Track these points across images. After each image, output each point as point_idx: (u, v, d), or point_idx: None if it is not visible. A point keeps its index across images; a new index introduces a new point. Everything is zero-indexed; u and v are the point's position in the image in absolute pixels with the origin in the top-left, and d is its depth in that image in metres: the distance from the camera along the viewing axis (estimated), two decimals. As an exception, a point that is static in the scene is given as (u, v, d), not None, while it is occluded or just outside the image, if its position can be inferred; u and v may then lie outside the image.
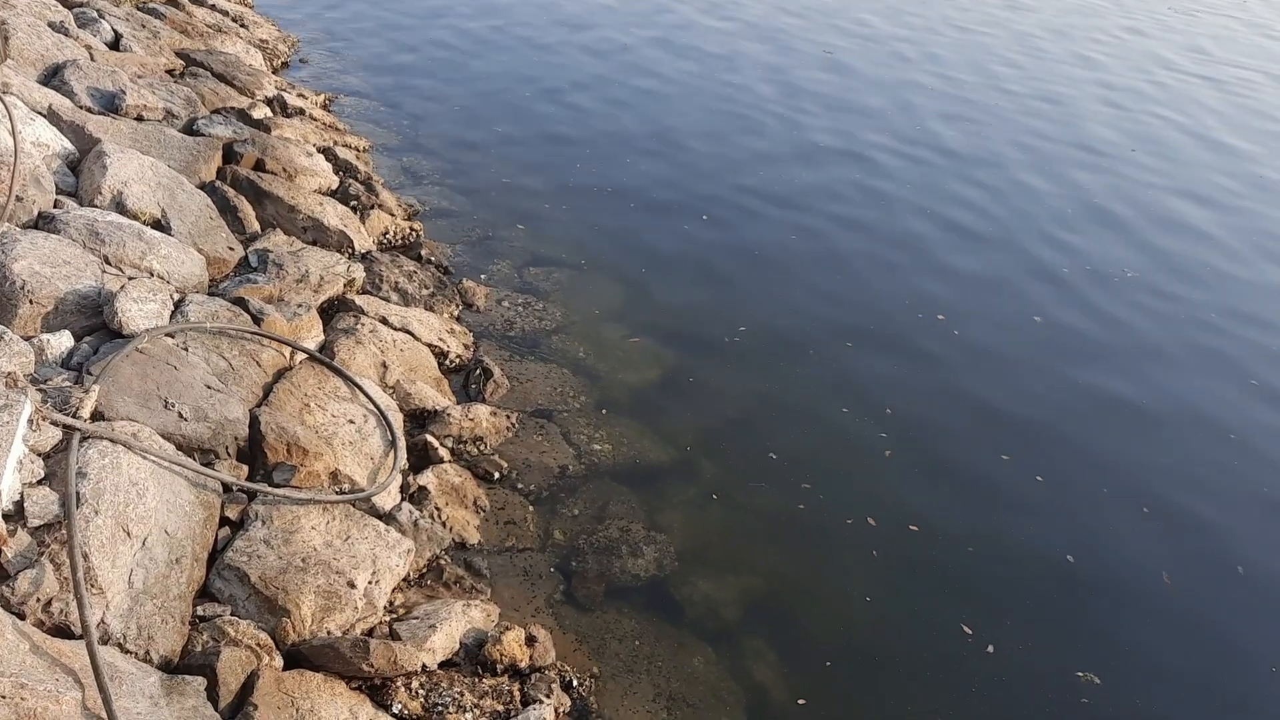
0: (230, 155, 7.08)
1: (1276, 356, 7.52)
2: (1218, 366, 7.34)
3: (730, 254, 8.07)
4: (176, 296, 5.09)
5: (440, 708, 3.81)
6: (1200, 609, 5.16)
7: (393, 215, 7.46)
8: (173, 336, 4.75)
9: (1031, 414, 6.51)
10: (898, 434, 6.15)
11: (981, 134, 11.17)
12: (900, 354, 7.00)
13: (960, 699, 4.53)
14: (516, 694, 4.02)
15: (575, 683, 4.22)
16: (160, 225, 5.67)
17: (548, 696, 4.02)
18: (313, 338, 5.51)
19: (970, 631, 4.84)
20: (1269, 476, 6.20)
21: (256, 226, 6.42)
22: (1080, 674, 4.70)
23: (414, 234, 7.41)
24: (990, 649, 4.76)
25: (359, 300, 6.05)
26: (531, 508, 5.19)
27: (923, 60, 13.66)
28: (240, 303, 5.30)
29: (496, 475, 5.31)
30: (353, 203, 7.32)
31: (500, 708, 3.92)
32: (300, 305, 5.56)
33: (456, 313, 6.65)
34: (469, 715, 3.84)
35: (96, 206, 5.51)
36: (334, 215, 6.81)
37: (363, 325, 5.75)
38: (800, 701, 4.39)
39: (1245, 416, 6.78)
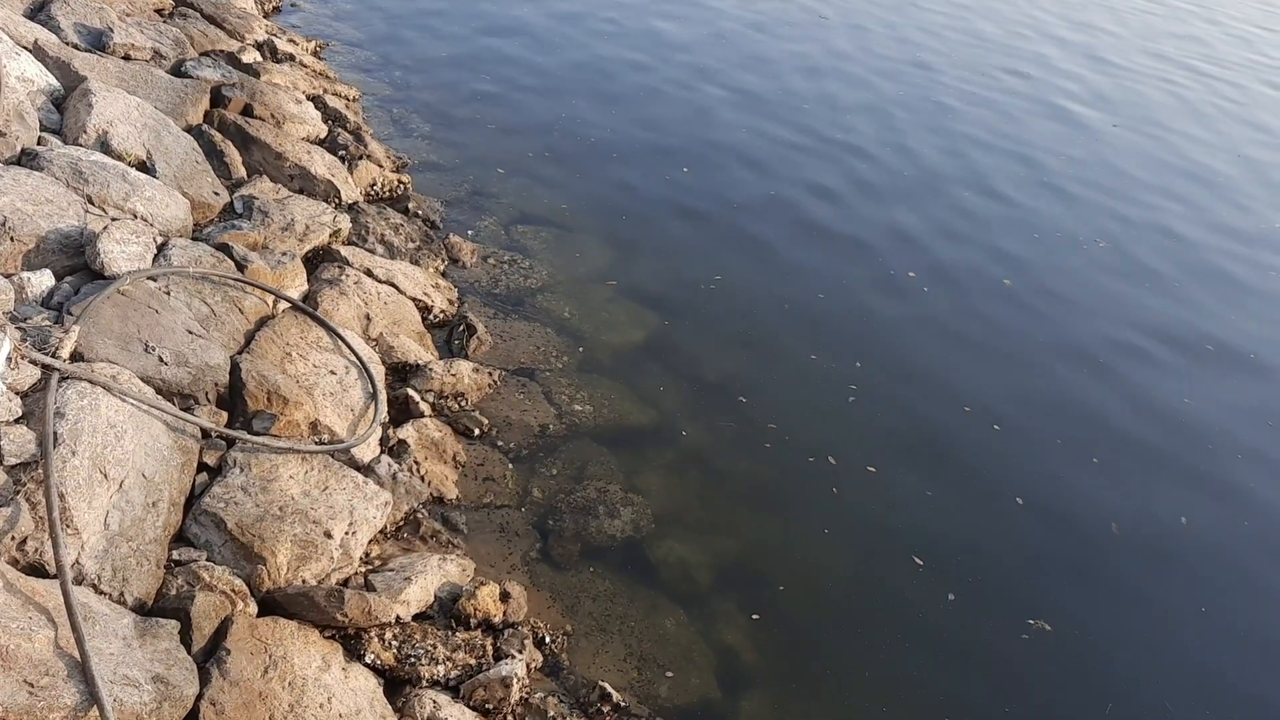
0: (218, 99, 7.00)
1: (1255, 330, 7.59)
2: (1181, 334, 7.54)
3: (720, 218, 8.10)
4: (160, 240, 5.05)
5: (413, 659, 3.83)
6: (1144, 559, 5.36)
7: (381, 167, 7.40)
8: (155, 280, 4.72)
9: (994, 368, 6.75)
10: (864, 383, 6.36)
11: (973, 101, 11.18)
12: (870, 310, 7.20)
13: (917, 647, 4.66)
14: (489, 648, 4.05)
15: (548, 639, 4.26)
16: (145, 167, 5.61)
17: (520, 652, 4.05)
18: (296, 287, 5.48)
19: (921, 564, 5.03)
20: (1216, 436, 6.42)
21: (243, 172, 6.36)
22: (1031, 621, 4.85)
23: (402, 187, 7.36)
24: (951, 596, 4.91)
25: (344, 251, 6.01)
26: (510, 465, 5.20)
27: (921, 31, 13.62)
28: (224, 249, 5.27)
29: (477, 432, 5.31)
30: (341, 152, 7.26)
31: (472, 661, 3.96)
32: (285, 254, 5.52)
33: (442, 268, 6.62)
34: (441, 667, 3.87)
35: (81, 145, 5.45)
36: (321, 164, 6.75)
37: (347, 276, 5.72)
38: (769, 664, 4.45)
39: (1199, 380, 7.01)
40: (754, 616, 4.64)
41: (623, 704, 4.05)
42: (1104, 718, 4.46)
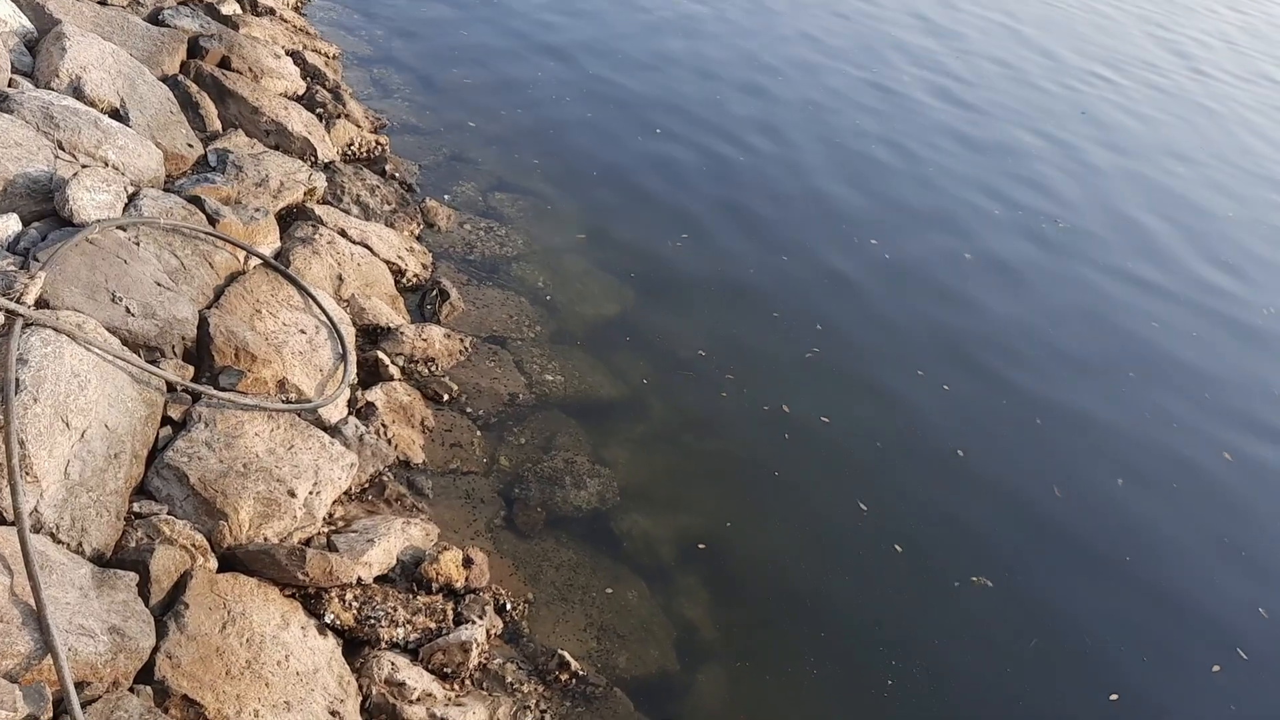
0: (195, 50, 6.88)
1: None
2: (1137, 302, 7.92)
3: (697, 185, 8.17)
4: (131, 189, 4.97)
5: (373, 620, 3.83)
6: (1083, 519, 5.59)
7: (359, 127, 7.32)
8: (125, 230, 4.65)
9: (948, 334, 7.01)
10: (823, 341, 6.61)
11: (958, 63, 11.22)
12: (832, 272, 7.44)
13: (864, 598, 4.84)
14: (449, 613, 4.05)
15: (509, 606, 4.27)
16: (118, 115, 5.51)
17: (480, 617, 4.06)
18: (269, 244, 5.42)
19: (866, 509, 5.30)
20: (1158, 404, 6.74)
21: (218, 125, 6.26)
22: (974, 578, 5.01)
23: (379, 148, 7.28)
24: (898, 548, 5.09)
25: (319, 210, 5.95)
26: (479, 432, 5.19)
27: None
28: (196, 201, 5.19)
29: (446, 397, 5.29)
30: (318, 110, 7.17)
31: (432, 625, 3.96)
32: (258, 209, 5.46)
33: (417, 231, 6.57)
34: (401, 630, 3.87)
35: (53, 90, 5.34)
36: (298, 121, 6.67)
37: (321, 235, 5.66)
38: (728, 638, 4.48)
39: (1145, 352, 7.33)
40: (715, 595, 4.67)
41: (581, 673, 4.07)
42: (1041, 671, 4.65)
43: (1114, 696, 4.62)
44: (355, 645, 3.80)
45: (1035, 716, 4.48)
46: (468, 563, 4.26)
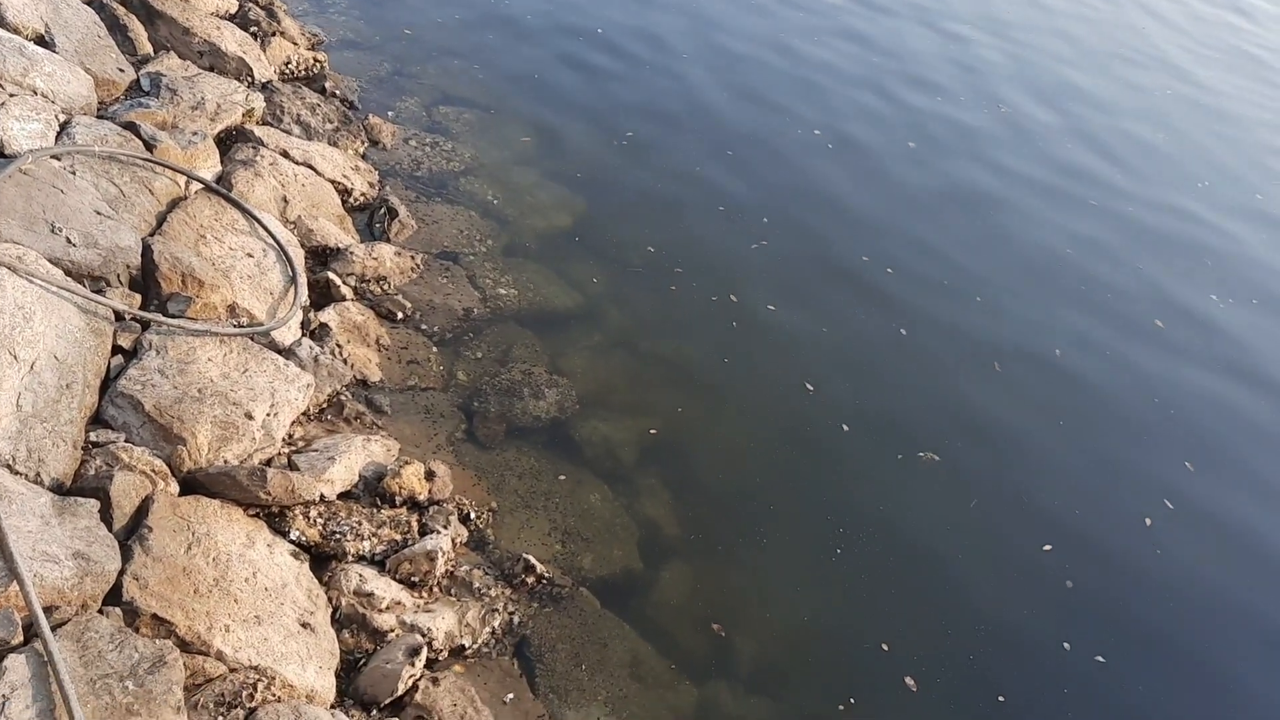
0: (119, -30, 6.64)
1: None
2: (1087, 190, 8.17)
3: (640, 101, 8.08)
4: (62, 118, 4.86)
5: (338, 535, 3.89)
6: (1024, 393, 5.87)
7: (295, 44, 7.15)
8: (59, 159, 4.56)
9: (892, 220, 7.22)
10: (770, 234, 6.74)
11: None
12: (777, 165, 7.59)
13: (814, 477, 5.06)
14: (414, 525, 4.12)
15: (473, 515, 4.34)
16: (44, 41, 5.35)
17: (445, 527, 4.13)
18: (209, 168, 5.33)
19: (813, 389, 5.53)
20: (1091, 274, 7.08)
21: (149, 48, 6.10)
22: (921, 454, 5.25)
23: (318, 65, 7.13)
24: (845, 428, 5.30)
25: (258, 132, 5.84)
26: (435, 349, 5.21)
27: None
28: (131, 127, 5.09)
29: (400, 315, 5.29)
30: (252, 29, 6.99)
31: (398, 537, 4.02)
32: (196, 133, 5.36)
33: (361, 150, 6.48)
34: (367, 543, 3.94)
35: (-28, 17, 5.17)
36: (232, 41, 6.50)
37: (262, 157, 5.57)
38: (690, 535, 4.60)
39: (1087, 235, 7.59)
40: (675, 492, 4.78)
41: (547, 575, 4.17)
42: (981, 530, 4.93)
43: (1047, 547, 4.91)
44: (322, 560, 3.87)
45: (974, 572, 4.74)
46: (430, 476, 4.31)
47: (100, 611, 3.02)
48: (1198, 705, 4.43)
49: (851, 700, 4.06)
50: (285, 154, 5.79)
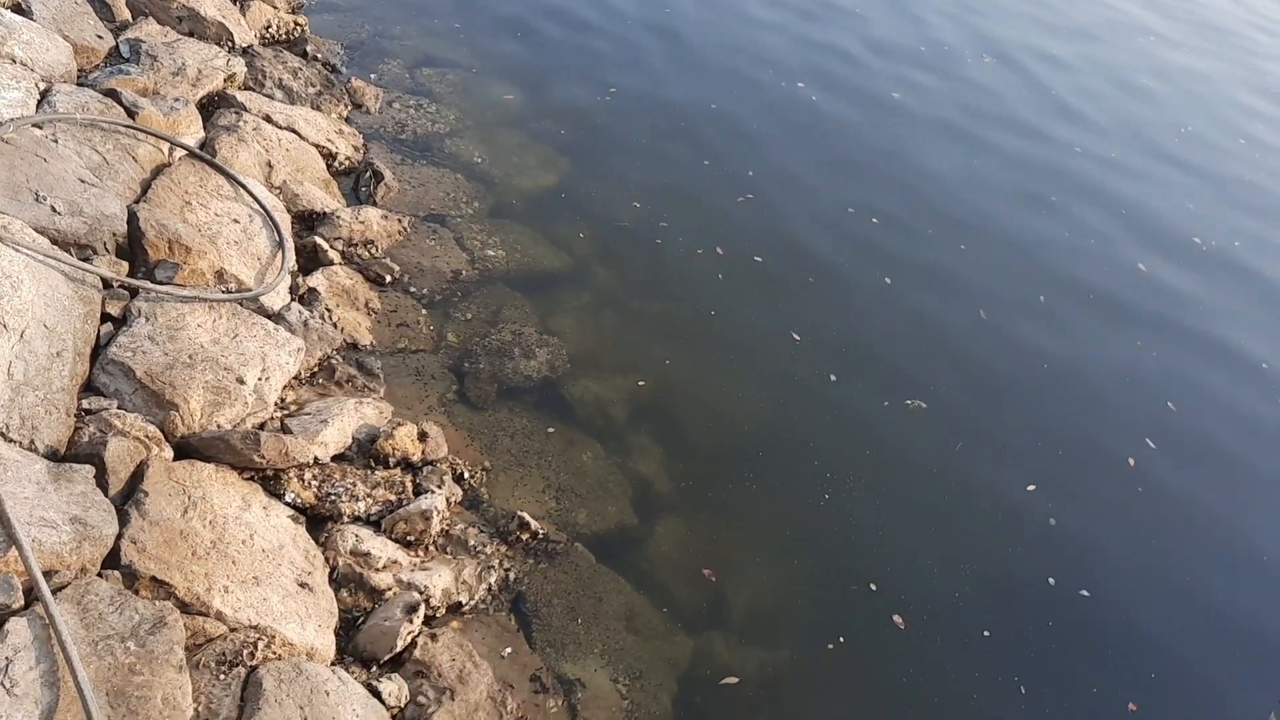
0: (94, -65, 6.56)
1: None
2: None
3: (622, 57, 8.07)
4: (42, 86, 4.82)
5: (333, 496, 3.92)
6: (1008, 339, 5.97)
7: (275, 8, 7.08)
8: (41, 128, 4.53)
9: (876, 171, 7.30)
10: (755, 187, 6.81)
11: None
12: (766, 118, 7.63)
13: (802, 427, 5.10)
14: (409, 485, 4.15)
15: (467, 475, 4.37)
16: (20, 9, 5.30)
17: (439, 487, 4.16)
18: (192, 134, 5.30)
19: (799, 339, 5.61)
20: (1080, 223, 7.19)
21: (126, 14, 6.04)
22: (909, 401, 5.32)
23: (298, 29, 7.07)
24: (833, 378, 5.38)
25: (241, 96, 5.81)
26: (424, 311, 5.22)
27: None
28: (112, 95, 5.05)
29: (388, 278, 5.30)
30: (231, -7, 6.91)
31: (393, 497, 4.06)
32: (178, 99, 5.32)
33: (345, 113, 6.45)
34: (362, 504, 3.97)
35: (-54, -15, 5.12)
36: (211, 5, 6.43)
37: (245, 123, 5.54)
38: (681, 489, 4.65)
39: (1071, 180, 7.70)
40: (667, 449, 4.82)
41: (541, 532, 4.21)
42: (965, 472, 5.03)
43: (1031, 487, 5.02)
44: (318, 521, 3.90)
45: (960, 512, 4.84)
46: (423, 436, 4.34)
47: (99, 575, 3.05)
48: (1181, 635, 4.54)
49: (841, 639, 4.15)
50: (268, 119, 5.76)
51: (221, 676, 3.05)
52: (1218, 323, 6.46)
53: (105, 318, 4.04)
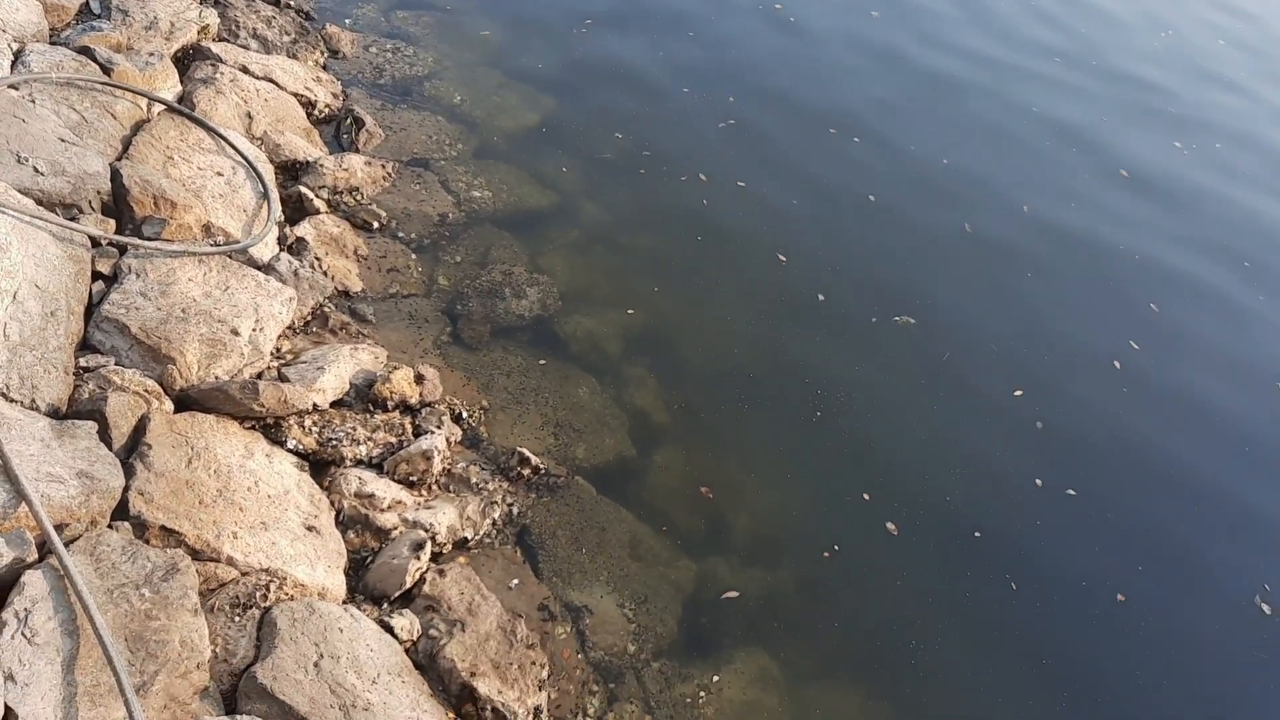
0: (54, -110, 6.44)
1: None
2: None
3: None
4: (15, 46, 4.78)
5: (334, 441, 3.97)
6: (993, 254, 6.04)
7: (244, -43, 6.96)
8: (17, 88, 4.50)
9: (858, 91, 7.32)
10: (737, 113, 6.81)
11: None
12: (745, 44, 7.63)
13: (792, 348, 5.18)
14: (408, 427, 4.20)
15: (465, 415, 4.43)
16: (-15, -31, 5.23)
17: (439, 427, 4.22)
18: (169, 88, 5.27)
19: (784, 259, 5.68)
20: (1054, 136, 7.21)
21: (94, -30, 5.95)
22: (897, 318, 5.42)
23: (269, -23, 6.96)
24: (821, 297, 5.46)
25: (216, 48, 5.75)
26: (413, 255, 5.23)
27: None
28: (86, 52, 5.00)
29: (376, 225, 5.30)
30: (199, -57, 6.80)
31: (393, 440, 4.11)
32: (152, 54, 5.27)
33: (322, 60, 6.39)
34: (363, 447, 4.02)
35: (-91, -52, 5.04)
36: (179, -44, 6.33)
37: (222, 74, 5.50)
38: (677, 417, 4.71)
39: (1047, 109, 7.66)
40: (662, 379, 4.87)
41: (542, 467, 4.27)
42: (953, 381, 5.16)
43: (1018, 393, 5.13)
44: (321, 466, 3.96)
45: (949, 420, 4.96)
46: (419, 379, 4.38)
47: (110, 527, 3.11)
48: (1166, 526, 4.70)
49: (836, 547, 4.27)
50: (245, 69, 5.72)
51: (236, 618, 3.12)
52: (1196, 222, 6.54)
53: (96, 276, 4.05)
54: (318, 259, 4.86)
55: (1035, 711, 3.90)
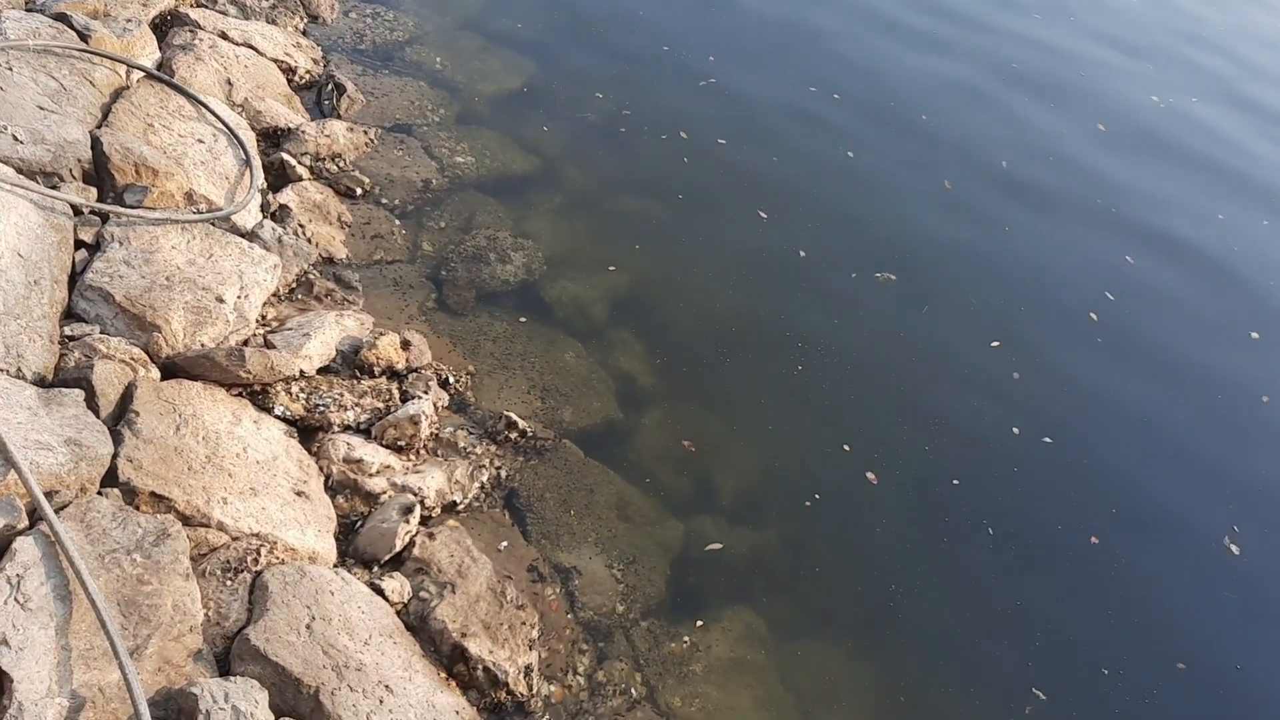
0: None
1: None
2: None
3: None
4: (-11, 13, 4.73)
5: (322, 407, 3.99)
6: (976, 211, 6.13)
7: (220, -80, 6.88)
8: (-8, 56, 4.46)
9: (840, 51, 7.41)
10: (718, 72, 6.85)
11: None
12: (723, 10, 7.70)
13: (774, 305, 5.25)
14: (395, 392, 4.22)
15: (452, 380, 4.44)
16: (-43, -65, 5.16)
17: (426, 392, 4.23)
18: (148, 55, 5.22)
19: (765, 216, 5.72)
20: (1039, 85, 7.38)
21: (68, -65, 5.87)
22: (879, 275, 5.49)
23: (246, -59, 6.88)
24: (802, 253, 5.51)
25: (194, 14, 5.70)
26: (397, 221, 5.22)
27: None
28: (63, 19, 4.95)
29: (359, 191, 5.28)
30: (174, -93, 6.71)
31: (380, 405, 4.13)
32: (130, 20, 5.22)
33: (301, 26, 6.34)
34: (351, 413, 4.04)
35: (-122, -86, 4.96)
36: (154, -79, 6.25)
37: (201, 40, 5.45)
38: (662, 378, 4.75)
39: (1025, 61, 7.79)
40: (647, 343, 4.90)
41: (529, 430, 4.30)
42: (932, 330, 5.25)
43: (995, 344, 5.23)
44: (309, 432, 3.97)
45: (927, 371, 5.05)
46: (405, 345, 4.39)
47: (99, 493, 3.12)
48: (1139, 472, 4.81)
49: (816, 496, 4.36)
50: (224, 35, 5.67)
51: (228, 582, 3.15)
52: (1176, 170, 6.63)
53: (79, 245, 4.04)
54: (301, 226, 4.85)
55: (1011, 652, 3.99)
